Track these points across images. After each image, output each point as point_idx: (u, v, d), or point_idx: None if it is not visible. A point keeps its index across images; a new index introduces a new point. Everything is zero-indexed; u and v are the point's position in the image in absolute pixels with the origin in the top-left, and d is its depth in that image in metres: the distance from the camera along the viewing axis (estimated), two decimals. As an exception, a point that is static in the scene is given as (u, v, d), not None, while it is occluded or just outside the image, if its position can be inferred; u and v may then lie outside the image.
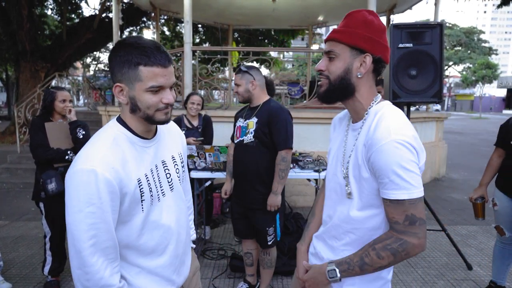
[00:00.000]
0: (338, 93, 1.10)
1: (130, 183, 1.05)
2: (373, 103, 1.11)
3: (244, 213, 2.53)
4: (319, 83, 1.15)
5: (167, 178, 1.19)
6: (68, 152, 2.69)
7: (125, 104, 1.09)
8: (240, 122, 2.46)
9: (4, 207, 4.97)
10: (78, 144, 2.70)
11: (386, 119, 1.04)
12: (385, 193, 1.02)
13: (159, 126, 1.21)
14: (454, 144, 12.22)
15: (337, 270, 1.11)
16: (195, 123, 3.63)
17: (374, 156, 1.01)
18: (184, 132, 3.51)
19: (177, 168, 1.25)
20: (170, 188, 1.20)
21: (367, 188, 1.08)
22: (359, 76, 1.07)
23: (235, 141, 2.50)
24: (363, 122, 1.11)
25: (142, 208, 1.09)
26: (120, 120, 1.14)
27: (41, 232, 3.90)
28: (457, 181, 6.75)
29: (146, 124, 1.12)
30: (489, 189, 2.66)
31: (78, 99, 19.80)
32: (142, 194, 1.08)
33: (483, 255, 3.51)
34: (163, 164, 1.19)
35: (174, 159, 1.25)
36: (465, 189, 6.12)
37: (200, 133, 3.60)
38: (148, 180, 1.11)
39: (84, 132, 2.72)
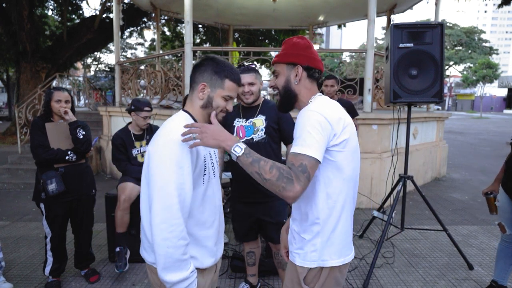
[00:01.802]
0: (287, 100, 1.42)
1: (200, 156, 1.33)
2: (311, 99, 1.40)
3: (249, 213, 2.47)
4: (276, 97, 1.51)
5: (212, 166, 1.44)
6: (68, 152, 2.69)
7: (199, 99, 1.38)
8: (240, 122, 2.45)
9: (5, 207, 4.97)
10: (78, 145, 2.70)
11: (314, 101, 1.38)
12: (292, 147, 1.27)
13: None
14: (455, 144, 12.20)
15: (242, 148, 1.23)
16: None
17: (297, 119, 1.32)
18: None
19: (213, 162, 1.48)
20: (214, 174, 1.46)
21: None
22: (295, 83, 1.40)
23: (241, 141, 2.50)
24: None
25: (203, 180, 1.36)
26: (186, 112, 1.40)
27: (41, 232, 3.90)
28: (458, 181, 6.74)
29: (206, 118, 1.40)
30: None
31: (78, 100, 19.81)
32: (205, 169, 1.36)
33: (484, 255, 3.50)
34: (210, 154, 1.44)
35: (212, 154, 1.49)
36: (466, 189, 6.11)
37: None
38: (208, 160, 1.40)
39: (84, 132, 2.71)
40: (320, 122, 1.23)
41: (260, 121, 2.40)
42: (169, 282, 1.23)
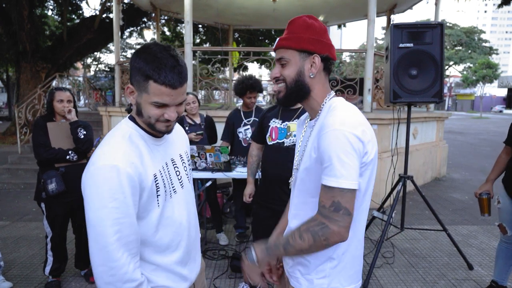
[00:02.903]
0: (295, 95, 1.17)
1: (147, 178, 1.08)
2: (326, 100, 1.17)
3: (271, 217, 2.30)
4: (275, 89, 1.21)
5: (177, 176, 1.23)
6: (70, 152, 2.69)
7: (134, 104, 1.11)
8: (276, 123, 2.37)
9: (5, 207, 4.97)
10: (79, 144, 2.70)
11: (337, 110, 1.11)
12: (322, 178, 1.06)
13: None
14: (455, 144, 12.20)
15: (253, 251, 1.15)
16: (197, 120, 3.66)
17: (320, 140, 1.06)
18: (187, 128, 3.55)
19: (185, 166, 1.29)
20: (181, 185, 1.24)
21: (314, 175, 1.12)
22: (311, 76, 1.14)
23: (271, 143, 2.37)
24: (318, 117, 1.17)
25: (158, 203, 1.12)
26: (132, 119, 1.15)
27: (42, 232, 3.90)
28: (458, 181, 6.74)
29: (150, 129, 1.15)
30: (496, 187, 2.65)
31: (78, 100, 19.82)
32: (158, 189, 1.11)
33: (484, 255, 3.51)
34: (172, 162, 1.22)
35: (182, 157, 1.29)
36: (466, 189, 6.11)
37: (203, 130, 3.63)
38: (162, 176, 1.14)
39: (85, 132, 2.72)
40: (352, 144, 1.02)
41: (295, 126, 2.25)
42: None
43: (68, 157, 2.68)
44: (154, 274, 1.15)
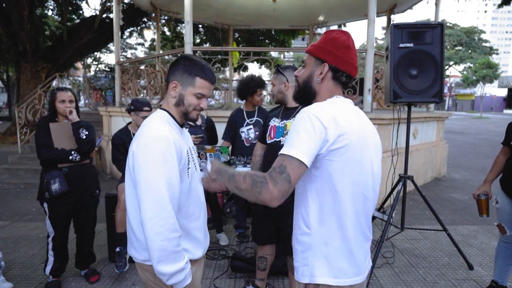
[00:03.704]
0: (303, 94, 1.34)
1: (184, 150, 1.36)
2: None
3: (270, 216, 2.37)
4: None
5: (193, 160, 1.48)
6: (72, 152, 2.69)
7: (172, 97, 1.41)
8: (275, 122, 2.38)
9: (5, 207, 4.97)
10: (81, 145, 2.71)
11: (324, 102, 1.26)
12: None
13: None
14: (455, 144, 12.20)
15: (208, 164, 1.31)
16: (198, 121, 3.65)
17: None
18: (187, 129, 3.54)
19: (193, 157, 1.51)
20: (196, 168, 1.48)
21: None
22: (318, 81, 1.29)
23: (269, 141, 2.39)
24: None
25: (188, 174, 1.39)
26: (163, 109, 1.43)
27: (42, 232, 3.90)
28: (458, 181, 6.74)
29: (181, 116, 1.45)
30: (495, 187, 2.65)
31: (79, 100, 19.81)
32: (189, 162, 1.40)
33: (484, 255, 3.50)
34: (190, 149, 1.48)
35: (194, 149, 1.55)
36: (466, 189, 6.11)
37: (203, 131, 3.62)
38: (190, 154, 1.44)
39: (87, 133, 2.72)
40: (314, 124, 1.12)
41: (291, 125, 2.32)
42: (166, 274, 1.25)
43: (71, 157, 2.68)
44: (181, 237, 1.32)
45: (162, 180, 1.23)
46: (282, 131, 2.31)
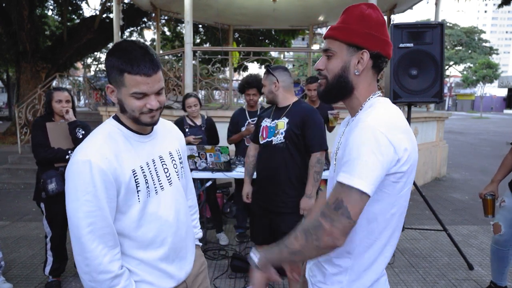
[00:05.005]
0: (336, 92, 1.07)
1: (124, 173, 1.10)
2: (369, 98, 1.06)
3: (265, 215, 2.40)
4: (318, 81, 1.11)
5: (165, 173, 1.24)
6: (69, 152, 2.69)
7: (116, 103, 1.15)
8: (267, 122, 2.38)
9: (5, 207, 4.97)
10: (78, 144, 2.70)
11: (376, 108, 1.00)
12: (338, 173, 0.96)
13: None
14: (455, 144, 12.20)
15: (253, 256, 1.08)
16: (198, 122, 3.65)
17: (349, 135, 0.97)
18: (187, 130, 3.53)
19: (175, 164, 1.30)
20: (169, 182, 1.25)
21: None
22: (356, 73, 1.03)
23: (262, 142, 2.38)
24: (356, 115, 1.06)
25: (138, 198, 1.14)
26: (116, 118, 1.20)
27: (42, 232, 3.90)
28: (458, 181, 6.74)
29: (135, 126, 1.18)
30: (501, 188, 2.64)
31: (79, 100, 19.83)
32: (138, 185, 1.14)
33: (484, 255, 3.50)
34: (160, 159, 1.24)
35: (172, 155, 1.29)
36: (466, 189, 6.11)
37: (204, 131, 3.62)
38: (144, 172, 1.16)
39: (83, 132, 2.72)
40: (381, 145, 0.90)
41: (282, 124, 2.27)
42: None
43: (67, 156, 2.67)
44: (138, 269, 1.17)
45: (80, 215, 1.03)
46: (273, 131, 2.31)
